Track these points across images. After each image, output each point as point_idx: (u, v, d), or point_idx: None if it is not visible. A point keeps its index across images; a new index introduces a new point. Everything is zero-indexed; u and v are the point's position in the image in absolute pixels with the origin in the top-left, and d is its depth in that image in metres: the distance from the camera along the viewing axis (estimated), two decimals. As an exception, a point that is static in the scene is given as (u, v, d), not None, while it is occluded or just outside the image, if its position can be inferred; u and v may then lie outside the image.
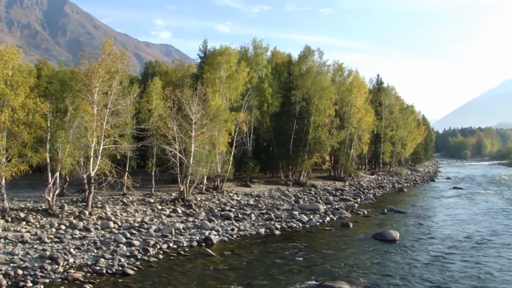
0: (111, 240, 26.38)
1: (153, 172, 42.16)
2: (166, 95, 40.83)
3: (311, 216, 38.65)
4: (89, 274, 20.95)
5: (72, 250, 23.88)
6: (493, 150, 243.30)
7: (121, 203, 36.61)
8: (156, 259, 24.20)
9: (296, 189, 54.57)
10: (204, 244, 27.90)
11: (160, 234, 28.69)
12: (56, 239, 25.82)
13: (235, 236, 30.67)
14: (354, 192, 58.16)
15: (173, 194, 41.78)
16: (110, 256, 23.48)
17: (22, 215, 29.43)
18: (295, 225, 35.19)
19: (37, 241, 25.12)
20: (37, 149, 29.81)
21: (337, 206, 44.97)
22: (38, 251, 23.41)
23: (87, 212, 31.48)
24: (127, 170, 40.41)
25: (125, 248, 25.24)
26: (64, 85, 35.09)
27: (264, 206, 41.61)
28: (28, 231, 26.77)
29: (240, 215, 36.68)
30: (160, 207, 36.56)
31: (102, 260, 22.72)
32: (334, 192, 55.92)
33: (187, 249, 26.68)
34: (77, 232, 27.50)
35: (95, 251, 24.33)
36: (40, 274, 20.17)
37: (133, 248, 25.37)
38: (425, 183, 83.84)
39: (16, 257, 22.22)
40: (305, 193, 52.31)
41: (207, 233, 29.95)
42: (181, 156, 38.65)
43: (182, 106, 39.07)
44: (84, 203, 33.43)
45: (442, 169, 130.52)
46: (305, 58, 62.33)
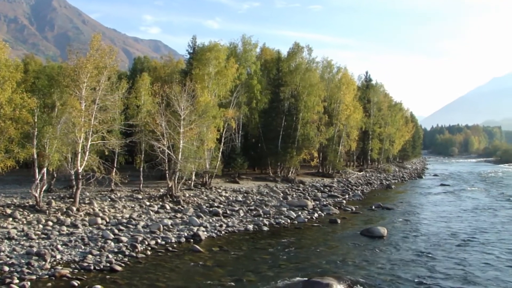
0: (98, 236, 26.25)
1: (142, 168, 42.04)
2: (154, 91, 40.65)
3: (299, 213, 38.72)
4: (76, 270, 20.83)
5: (59, 246, 23.73)
6: (480, 148, 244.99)
7: (109, 199, 36.46)
8: (144, 255, 24.12)
9: (284, 185, 54.69)
10: (192, 240, 27.85)
11: (148, 230, 28.61)
12: (43, 236, 25.63)
13: (223, 232, 30.64)
14: (342, 188, 58.34)
15: (162, 190, 41.69)
16: (98, 252, 23.35)
17: (8, 211, 29.25)
18: (283, 221, 35.23)
19: (24, 238, 24.91)
20: (24, 145, 29.61)
21: (325, 203, 45.09)
22: (25, 247, 23.21)
23: (74, 208, 31.31)
24: (115, 166, 40.25)
25: (113, 244, 25.13)
26: (52, 80, 34.85)
27: (253, 203, 41.63)
28: (15, 227, 26.54)
29: (228, 211, 36.65)
30: (148, 203, 36.45)
31: (90, 256, 22.60)
32: (322, 188, 56.06)
33: (175, 245, 26.61)
34: (64, 228, 27.31)
35: (83, 247, 24.18)
36: (27, 270, 19.99)
37: (121, 244, 25.26)
38: (413, 180, 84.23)
39: (2, 253, 22.01)
40: (294, 190, 52.41)
41: (195, 229, 29.91)
42: (169, 152, 38.56)
43: (170, 102, 38.95)
44: (72, 199, 33.25)
45: (430, 166, 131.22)
46: (294, 55, 62.37)
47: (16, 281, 18.87)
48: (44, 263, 21.07)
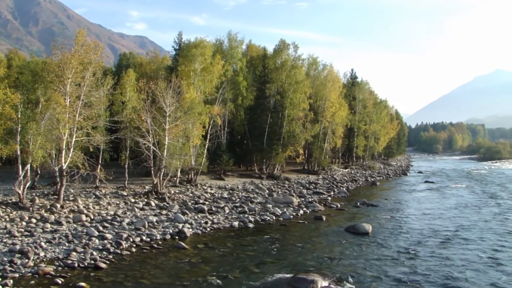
0: (83, 234, 26.09)
1: (127, 165, 41.83)
2: (140, 87, 40.36)
3: (285, 209, 38.78)
4: (60, 268, 20.68)
5: (43, 243, 23.55)
6: (463, 145, 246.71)
7: (94, 196, 36.26)
8: (129, 252, 24.04)
9: (270, 182, 54.73)
10: (177, 237, 27.81)
11: (133, 227, 28.51)
12: (27, 233, 25.39)
13: (208, 229, 30.62)
14: (328, 185, 58.52)
15: (147, 187, 41.55)
16: (82, 250, 23.21)
17: (-9, 208, 28.97)
18: (268, 218, 35.28)
19: (7, 235, 24.65)
20: (7, 141, 29.37)
21: (310, 199, 45.20)
22: (8, 245, 22.98)
23: (58, 205, 31.08)
24: (100, 162, 39.97)
25: (97, 241, 24.98)
26: (36, 76, 34.48)
27: (238, 199, 41.63)
28: (-2, 224, 26.34)
29: (213, 208, 36.62)
30: (133, 200, 36.31)
31: (74, 253, 22.45)
32: (307, 185, 56.19)
33: (160, 242, 26.53)
34: (48, 225, 27.10)
35: (67, 244, 24.03)
36: (10, 268, 19.83)
37: (105, 241, 25.12)
38: (398, 177, 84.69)
39: (-16, 251, 21.83)
40: (279, 186, 52.49)
41: (180, 226, 29.87)
42: (154, 149, 38.42)
43: (156, 99, 38.78)
44: (56, 196, 33.01)
45: (414, 163, 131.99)
46: (280, 52, 62.31)
47: (-1, 279, 18.72)
48: (27, 260, 20.90)
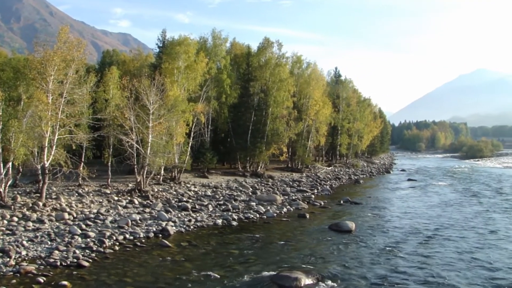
0: (65, 232, 25.95)
1: (110, 163, 41.57)
2: (123, 84, 40.22)
3: (268, 207, 38.90)
4: (42, 266, 20.56)
5: (24, 242, 23.38)
6: (446, 143, 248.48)
7: (77, 194, 36.03)
8: (112, 251, 23.97)
9: (253, 180, 54.81)
10: (161, 235, 27.78)
11: (116, 225, 28.43)
12: (8, 231, 25.15)
13: (192, 227, 30.62)
14: (311, 183, 58.70)
15: (130, 185, 41.38)
16: (65, 248, 23.08)
17: (-28, 206, 28.70)
18: (252, 216, 35.35)
19: (-12, 233, 24.50)
20: (-12, 139, 29.07)
21: (294, 197, 45.34)
22: (-11, 243, 22.83)
23: (41, 204, 30.83)
24: (83, 160, 39.75)
25: (80, 239, 24.87)
26: (18, 73, 34.10)
27: (222, 197, 41.65)
28: (-21, 223, 26.11)
29: (197, 206, 36.60)
30: (116, 198, 36.14)
31: (56, 252, 22.32)
32: (291, 183, 56.34)
33: (143, 240, 26.49)
34: (30, 224, 26.87)
35: (49, 243, 23.89)
36: (-9, 267, 19.69)
37: (88, 239, 25.01)
38: (381, 175, 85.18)
39: (-35, 250, 21.63)
40: (263, 184, 52.57)
41: (164, 224, 29.82)
42: (138, 147, 38.28)
43: (139, 96, 38.65)
44: (38, 194, 32.76)
45: (398, 161, 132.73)
46: (264, 50, 62.33)
47: (-20, 277, 18.57)
48: (8, 259, 20.75)
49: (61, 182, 35.10)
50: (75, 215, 29.87)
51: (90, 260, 21.94)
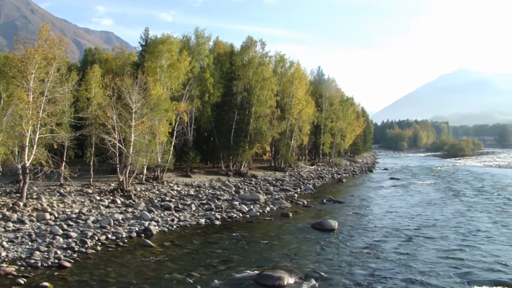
0: (47, 232, 25.68)
1: (92, 162, 41.26)
2: (105, 83, 39.93)
3: (251, 206, 38.90)
4: (23, 267, 20.32)
5: (4, 243, 23.07)
6: (428, 142, 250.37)
7: (58, 194, 35.68)
8: (94, 251, 23.78)
9: (236, 179, 54.77)
10: (143, 235, 27.64)
11: (98, 225, 28.22)
12: (-12, 232, 24.90)
13: (175, 226, 30.52)
14: (294, 182, 58.81)
15: (112, 185, 41.10)
16: (46, 249, 22.84)
17: (-49, 206, 28.29)
18: (235, 215, 35.34)
19: (-32, 234, 24.17)
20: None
21: (277, 196, 45.41)
22: (-31, 244, 22.52)
23: (21, 204, 30.48)
24: (65, 160, 39.38)
25: (61, 240, 24.62)
26: (-3, 71, 33.83)
27: (205, 197, 41.56)
28: (-42, 223, 25.75)
29: (180, 206, 36.50)
30: (98, 198, 35.86)
31: (37, 253, 22.06)
32: (274, 182, 56.42)
33: (126, 240, 26.33)
34: (10, 224, 26.53)
35: (30, 243, 23.61)
36: (-29, 268, 19.42)
37: (70, 240, 24.77)
38: (364, 174, 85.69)
39: None
40: (246, 184, 52.56)
41: (146, 223, 29.68)
42: (120, 146, 38.04)
43: (122, 95, 38.38)
44: (19, 194, 32.36)
45: (380, 160, 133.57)
46: (247, 49, 62.34)
47: (-41, 279, 18.30)
48: (-12, 260, 20.48)
49: (42, 182, 34.83)
50: (56, 215, 29.57)
51: (72, 261, 21.74)
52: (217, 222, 32.63)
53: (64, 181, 38.88)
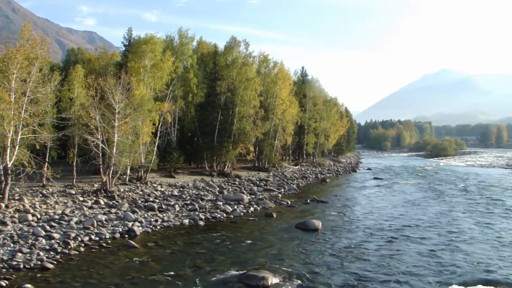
0: (29, 234, 25.48)
1: (75, 163, 41.05)
2: (88, 83, 39.71)
3: (235, 207, 38.95)
4: (4, 270, 20.16)
5: (-14, 244, 22.92)
6: (411, 142, 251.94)
7: (41, 195, 35.44)
8: (77, 252, 23.66)
9: (220, 179, 54.76)
10: (127, 236, 27.56)
11: (81, 226, 28.07)
12: (-31, 233, 24.66)
13: (158, 227, 30.47)
14: (278, 182, 58.93)
15: (95, 185, 40.91)
16: (28, 250, 22.67)
17: None
18: (219, 215, 35.36)
19: (-51, 235, 23.91)
20: None
21: (261, 197, 45.50)
22: (-50, 246, 22.29)
23: (3, 205, 30.21)
24: (47, 160, 39.05)
25: (44, 241, 24.46)
26: (-22, 71, 33.45)
27: (188, 197, 41.52)
28: None
29: (164, 206, 36.43)
30: (81, 199, 35.68)
31: (19, 254, 21.87)
32: (258, 182, 56.49)
33: (109, 241, 26.24)
34: (-8, 225, 26.38)
35: (12, 245, 23.39)
36: (-48, 270, 19.25)
37: (53, 241, 24.62)
38: (347, 173, 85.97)
39: None
40: (230, 184, 52.56)
41: (130, 224, 29.59)
42: (103, 146, 37.86)
43: (105, 95, 38.21)
44: (0, 196, 32.08)
45: (364, 160, 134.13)
46: (231, 49, 62.37)
47: None
48: (-30, 262, 20.29)
49: (24, 183, 34.45)
50: (39, 216, 29.35)
51: (55, 262, 21.63)
52: (201, 223, 32.64)
53: (46, 182, 38.60)
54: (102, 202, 35.44)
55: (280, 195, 48.57)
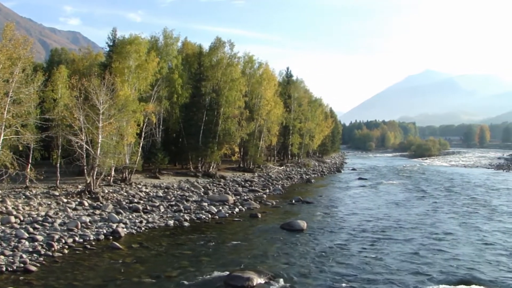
0: (12, 236, 25.21)
1: (58, 164, 40.71)
2: (72, 84, 39.40)
3: (220, 208, 38.94)
4: (-13, 272, 19.98)
5: (-32, 247, 22.67)
6: (395, 142, 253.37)
7: (24, 197, 35.09)
8: (61, 254, 23.50)
9: (205, 180, 54.66)
10: (111, 237, 27.43)
11: (65, 228, 27.86)
12: (-49, 236, 24.37)
13: (143, 228, 30.37)
14: (263, 183, 59.00)
15: (80, 187, 40.62)
16: (11, 253, 22.45)
17: None
18: (204, 216, 35.33)
19: None
20: None
21: (246, 197, 45.54)
22: None
23: (-15, 206, 29.96)
24: (30, 161, 38.75)
25: (27, 243, 24.25)
26: (-40, 72, 33.07)
27: (173, 198, 41.40)
28: None
29: (148, 207, 36.29)
30: (65, 200, 35.39)
31: (2, 257, 21.65)
32: (243, 183, 56.50)
33: (93, 243, 26.10)
34: (-26, 227, 26.10)
35: (-6, 247, 23.21)
36: None
37: (36, 243, 24.41)
38: (332, 174, 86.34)
39: None
40: (215, 185, 52.49)
41: (114, 226, 29.45)
42: (87, 147, 37.59)
43: (89, 96, 37.94)
44: (-17, 197, 31.81)
45: (348, 161, 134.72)
46: (216, 50, 62.31)
47: None
48: (-49, 265, 20.05)
49: (7, 185, 34.07)
50: (22, 218, 29.06)
51: (38, 265, 21.46)
52: (186, 224, 32.59)
53: (30, 183, 38.28)
54: (86, 204, 35.18)
55: (265, 195, 48.65)
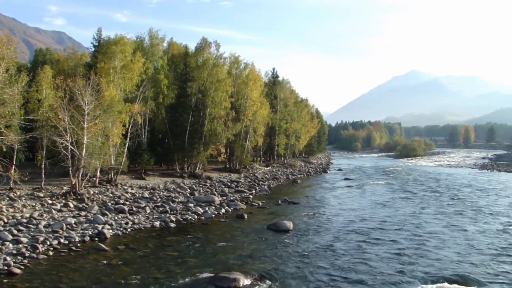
0: (-5, 238, 25.03)
1: (43, 165, 40.41)
2: (57, 84, 39.15)
3: (207, 208, 38.87)
4: (-30, 275, 19.78)
5: (-49, 249, 22.41)
6: (381, 143, 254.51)
7: (8, 198, 34.75)
8: (45, 256, 23.31)
9: (191, 181, 54.53)
10: (97, 239, 27.24)
11: (50, 230, 27.64)
12: None
13: (129, 229, 30.22)
14: (249, 183, 58.98)
15: (65, 188, 40.33)
16: (-5, 255, 22.27)
17: None
18: (190, 217, 35.24)
19: None
20: None
21: (232, 198, 45.47)
22: None
23: (-31, 208, 29.64)
24: (14, 163, 38.41)
25: (11, 245, 24.02)
26: None
27: (159, 199, 41.25)
28: None
29: (134, 208, 36.12)
30: (50, 202, 35.11)
31: (-15, 259, 21.50)
32: (229, 184, 56.42)
33: (79, 245, 25.93)
34: (-43, 229, 25.80)
35: (-22, 250, 22.97)
36: None
37: (20, 245, 24.20)
38: (318, 174, 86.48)
39: None
40: (201, 185, 52.39)
41: (100, 227, 29.28)
42: (72, 148, 37.33)
43: (74, 96, 37.69)
44: (-34, 199, 31.48)
45: (335, 161, 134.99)
46: (201, 50, 62.29)
47: None
48: None
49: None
50: (6, 220, 28.77)
51: (22, 267, 21.28)
52: (172, 225, 32.48)
53: (14, 185, 37.93)
54: (72, 205, 34.93)
55: (251, 196, 48.63)
